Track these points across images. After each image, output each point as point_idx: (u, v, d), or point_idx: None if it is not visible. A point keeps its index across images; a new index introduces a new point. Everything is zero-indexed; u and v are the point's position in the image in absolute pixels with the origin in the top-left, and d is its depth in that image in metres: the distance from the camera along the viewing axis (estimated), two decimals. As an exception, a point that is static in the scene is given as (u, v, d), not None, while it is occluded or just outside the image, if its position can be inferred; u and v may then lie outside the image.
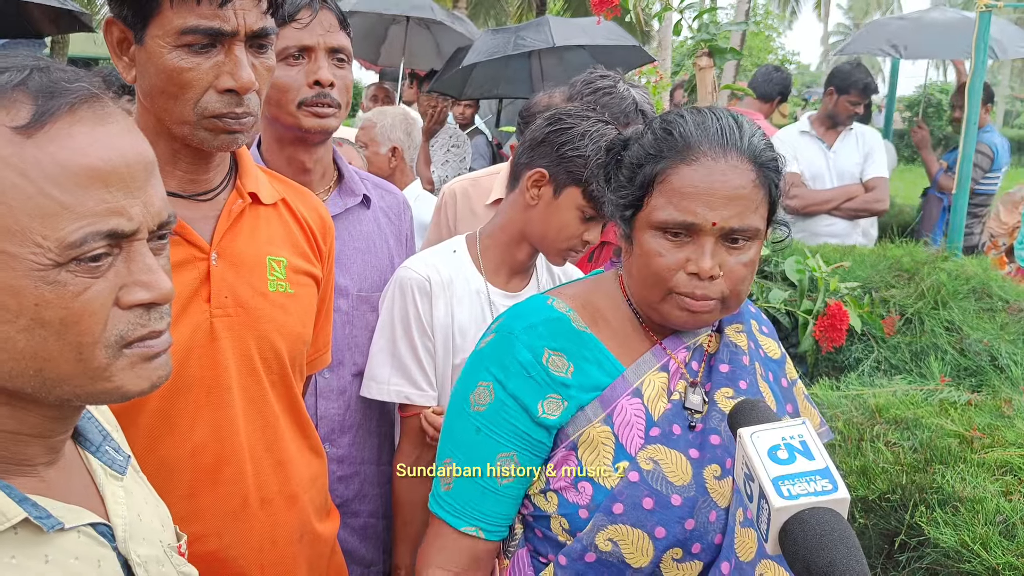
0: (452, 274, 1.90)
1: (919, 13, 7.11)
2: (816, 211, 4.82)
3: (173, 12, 1.25)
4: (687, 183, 1.24)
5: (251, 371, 1.43)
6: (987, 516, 1.94)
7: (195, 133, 1.32)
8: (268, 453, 1.46)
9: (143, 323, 0.85)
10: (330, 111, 1.85)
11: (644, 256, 1.28)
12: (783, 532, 0.98)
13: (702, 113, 1.30)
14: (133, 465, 1.07)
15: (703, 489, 1.27)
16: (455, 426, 1.36)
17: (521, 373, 1.30)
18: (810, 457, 1.02)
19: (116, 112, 0.86)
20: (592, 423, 1.29)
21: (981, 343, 3.29)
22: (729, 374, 1.35)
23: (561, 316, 1.34)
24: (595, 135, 1.78)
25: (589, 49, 5.70)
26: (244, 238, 1.43)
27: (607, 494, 1.26)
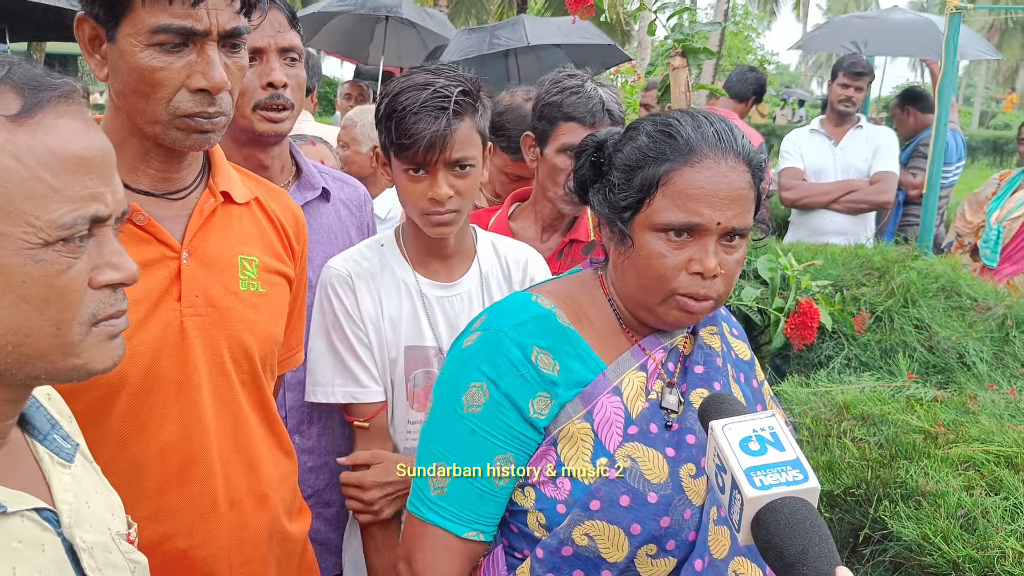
0: (379, 267, 1.87)
1: (882, 12, 7.18)
2: (813, 203, 4.82)
3: (145, 11, 1.26)
4: (692, 185, 1.27)
5: (221, 371, 1.43)
6: (949, 510, 1.99)
7: (167, 133, 1.33)
8: (238, 453, 1.47)
9: (111, 302, 0.92)
10: (283, 114, 1.87)
11: (646, 258, 1.30)
12: (755, 522, 1.00)
13: (695, 116, 1.33)
14: (84, 454, 1.09)
15: (679, 487, 1.29)
16: (447, 429, 1.33)
17: (512, 371, 1.30)
18: (781, 448, 1.04)
19: (79, 108, 0.92)
20: (572, 419, 1.30)
21: (949, 341, 3.34)
22: (704, 375, 1.37)
23: (547, 313, 1.35)
24: (389, 92, 1.75)
25: (565, 48, 5.73)
26: (216, 237, 1.44)
27: (585, 490, 1.27)
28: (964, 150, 5.70)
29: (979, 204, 5.13)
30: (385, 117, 1.73)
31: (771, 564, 0.98)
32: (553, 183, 2.20)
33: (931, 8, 40.31)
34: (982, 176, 12.75)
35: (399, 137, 1.69)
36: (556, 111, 2.15)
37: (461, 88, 1.72)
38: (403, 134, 1.68)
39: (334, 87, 17.22)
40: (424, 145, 1.67)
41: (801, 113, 26.79)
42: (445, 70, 1.77)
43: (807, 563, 0.94)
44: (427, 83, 1.70)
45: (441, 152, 1.68)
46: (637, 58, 16.33)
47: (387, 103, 1.73)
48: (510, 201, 2.37)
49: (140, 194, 1.37)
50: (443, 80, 1.72)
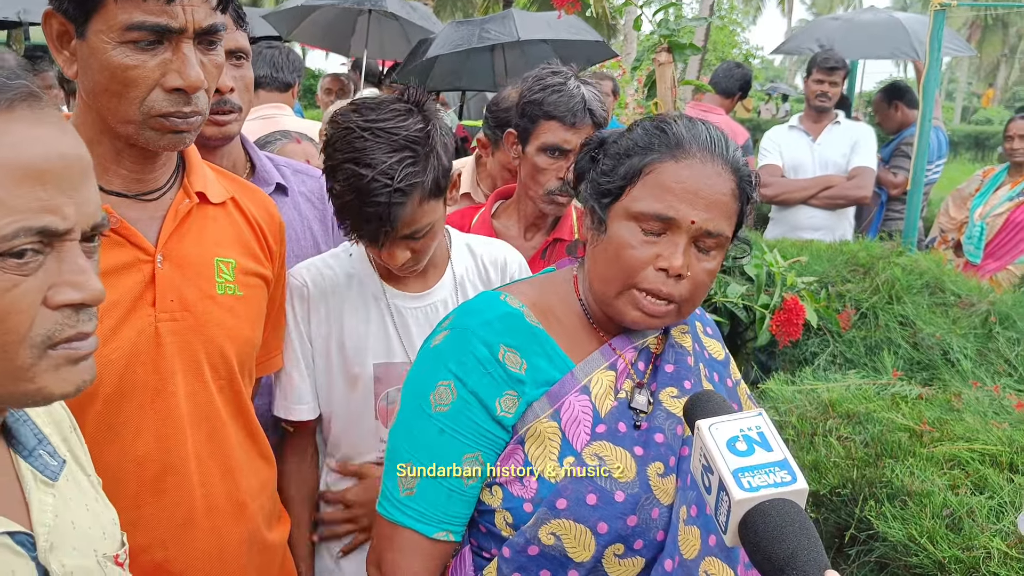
0: (344, 278, 1.78)
1: (852, 14, 7.25)
2: (791, 199, 4.83)
3: (118, 7, 1.21)
4: (673, 178, 1.27)
5: (198, 376, 1.40)
6: (934, 510, 1.98)
7: (140, 133, 1.29)
8: (215, 461, 1.44)
9: (71, 324, 0.85)
10: (230, 117, 1.83)
11: (616, 245, 1.29)
12: (743, 524, 0.98)
13: (693, 121, 1.34)
14: (81, 469, 1.05)
15: (646, 486, 1.28)
16: (415, 429, 1.32)
17: (479, 369, 1.29)
18: (768, 448, 1.03)
19: (53, 112, 0.86)
20: (539, 418, 1.30)
21: (933, 337, 3.35)
22: (674, 374, 1.37)
23: (515, 311, 1.34)
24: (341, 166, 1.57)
25: (552, 43, 5.71)
26: (191, 239, 1.40)
27: (551, 488, 1.27)
28: (946, 147, 5.72)
29: (963, 200, 5.15)
30: (331, 193, 1.61)
31: (759, 567, 0.97)
32: (534, 182, 2.17)
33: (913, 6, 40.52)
34: (964, 171, 12.82)
35: (344, 220, 1.61)
36: (537, 109, 2.12)
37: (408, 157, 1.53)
38: (348, 228, 1.61)
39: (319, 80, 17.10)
40: (369, 235, 1.60)
41: (785, 108, 26.88)
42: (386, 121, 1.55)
43: (796, 567, 0.93)
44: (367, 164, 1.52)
45: (387, 235, 1.59)
46: (623, 52, 16.30)
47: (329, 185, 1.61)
48: (493, 199, 2.34)
49: (112, 195, 1.33)
50: (382, 154, 1.52)
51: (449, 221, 2.38)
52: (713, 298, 3.45)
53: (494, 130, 2.59)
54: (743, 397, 1.51)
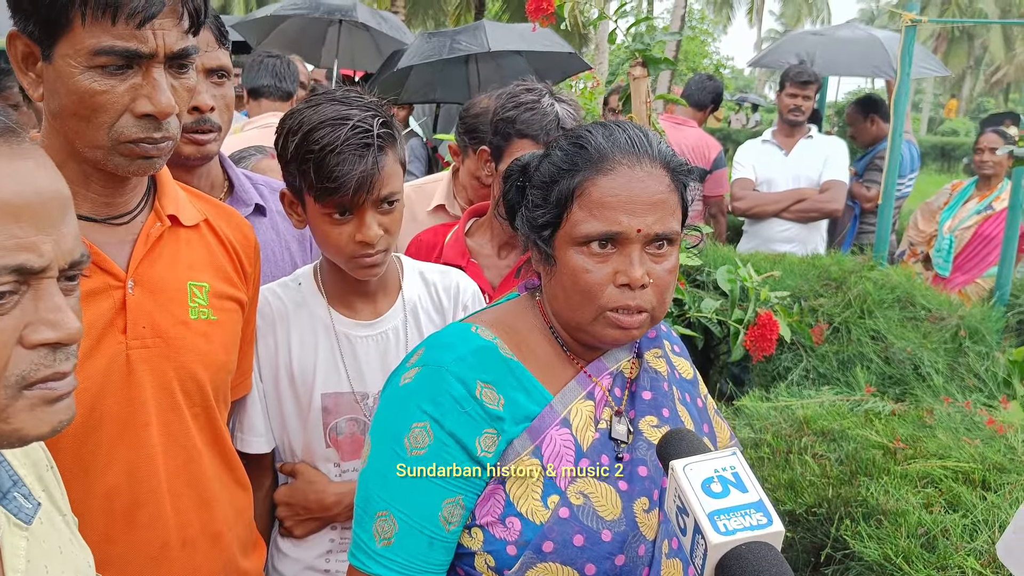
0: (292, 307, 1.73)
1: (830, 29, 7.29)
2: (764, 213, 4.87)
3: (85, 31, 1.17)
4: (607, 193, 1.23)
5: (172, 405, 1.36)
6: (909, 529, 2.00)
7: (109, 158, 1.25)
8: (190, 491, 1.40)
9: (47, 364, 0.82)
10: (209, 136, 1.80)
11: (571, 275, 1.25)
12: (720, 567, 0.97)
13: (607, 126, 1.29)
14: (57, 509, 1.02)
15: (633, 523, 1.24)
16: (390, 475, 1.23)
17: (456, 408, 1.23)
18: (743, 489, 1.02)
19: (32, 147, 0.84)
20: (520, 456, 1.24)
21: (905, 352, 3.38)
22: (652, 402, 1.33)
23: (489, 344, 1.29)
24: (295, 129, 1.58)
25: (526, 55, 5.70)
26: (163, 263, 1.37)
27: (537, 530, 1.21)
28: (918, 161, 5.79)
29: (931, 213, 5.22)
30: (298, 158, 1.57)
31: None
32: (495, 209, 2.15)
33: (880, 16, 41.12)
34: (932, 182, 13.04)
35: (321, 180, 1.54)
36: (510, 127, 2.10)
37: (381, 119, 1.59)
38: (326, 177, 1.53)
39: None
40: (353, 188, 1.54)
41: (756, 118, 27.16)
42: (353, 98, 1.61)
43: None
44: (342, 117, 1.55)
45: (370, 192, 1.56)
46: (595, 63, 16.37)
47: (298, 143, 1.56)
48: (467, 216, 2.32)
49: (80, 219, 1.28)
50: (357, 111, 1.57)
51: (423, 237, 2.36)
52: (687, 313, 3.46)
53: (463, 137, 2.57)
54: (711, 414, 1.48)
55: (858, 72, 6.91)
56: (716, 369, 3.74)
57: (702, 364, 3.78)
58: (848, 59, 6.49)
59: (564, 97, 2.19)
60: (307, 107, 1.60)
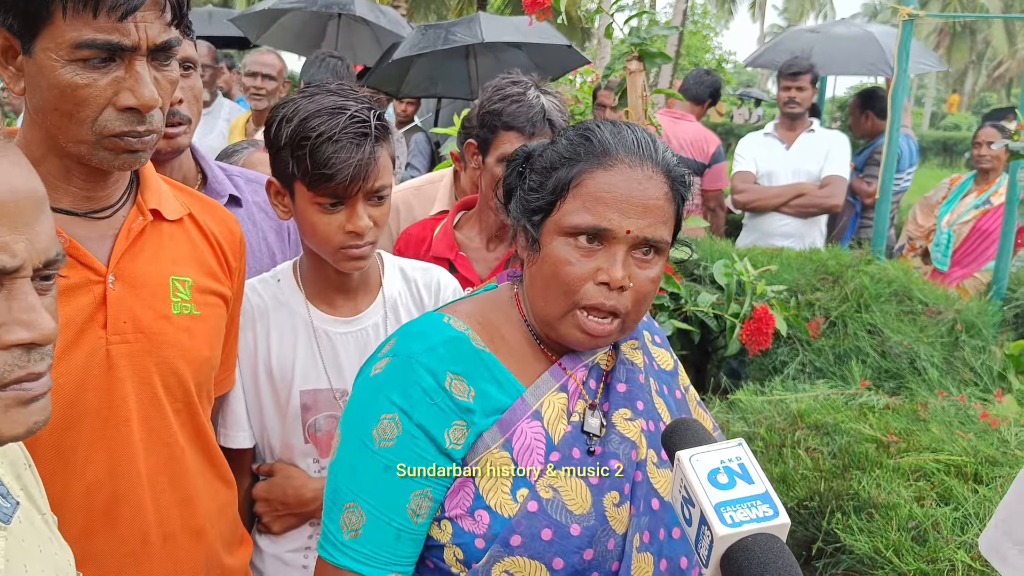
0: (271, 304, 1.73)
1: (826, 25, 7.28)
2: (763, 206, 4.86)
3: (66, 24, 1.16)
4: (603, 188, 1.22)
5: (153, 400, 1.36)
6: (900, 522, 1.99)
7: (93, 153, 1.24)
8: (172, 487, 1.40)
9: (21, 364, 0.81)
10: (179, 130, 1.80)
11: (553, 264, 1.24)
12: (725, 558, 0.97)
13: (617, 125, 1.29)
14: (36, 508, 1.01)
15: (602, 517, 1.23)
16: (358, 466, 1.23)
17: (425, 400, 1.22)
18: (749, 481, 1.02)
19: (5, 145, 0.83)
20: (490, 449, 1.23)
21: (901, 346, 3.38)
22: (626, 394, 1.32)
23: (460, 335, 1.27)
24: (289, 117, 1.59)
25: (526, 50, 5.68)
26: (145, 258, 1.36)
27: (505, 524, 1.20)
28: (917, 156, 5.77)
29: (930, 208, 5.21)
30: (292, 145, 1.56)
31: None
32: (495, 193, 2.15)
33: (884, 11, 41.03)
34: (933, 177, 13.01)
35: (317, 167, 1.54)
36: (497, 120, 2.10)
37: (375, 111, 1.60)
38: (322, 164, 1.54)
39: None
40: (349, 176, 1.54)
41: (758, 113, 27.12)
42: (348, 90, 1.63)
43: None
44: (339, 107, 1.57)
45: (364, 182, 1.56)
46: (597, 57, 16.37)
47: (293, 129, 1.56)
48: (456, 210, 2.32)
49: (60, 214, 1.28)
50: (354, 103, 1.58)
51: (411, 231, 2.36)
52: (684, 307, 3.46)
53: (463, 145, 2.57)
54: (692, 404, 1.47)
55: (854, 71, 6.90)
56: (713, 363, 3.73)
57: (699, 358, 3.78)
58: (844, 58, 6.48)
59: (550, 90, 2.19)
60: (302, 97, 1.61)
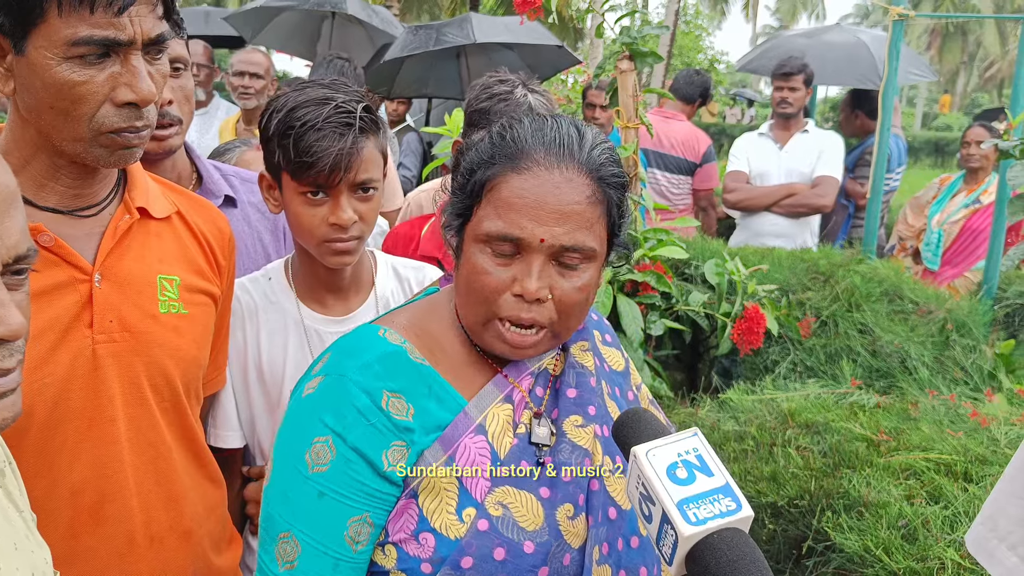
0: (261, 302, 1.72)
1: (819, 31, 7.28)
2: (755, 206, 4.87)
3: (61, 21, 1.15)
4: (515, 193, 1.14)
5: (140, 400, 1.35)
6: (890, 520, 1.99)
7: (89, 150, 1.23)
8: (159, 488, 1.39)
9: None
10: (171, 131, 1.80)
11: (470, 272, 1.17)
12: (690, 557, 0.94)
13: (542, 119, 1.20)
14: (14, 505, 1.00)
15: (556, 532, 1.16)
16: (291, 493, 1.15)
17: (360, 421, 1.14)
18: (709, 473, 0.98)
19: None
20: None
21: (892, 345, 3.38)
22: (577, 399, 1.25)
23: (397, 350, 1.20)
24: (279, 108, 1.60)
25: (517, 50, 5.69)
26: (132, 256, 1.35)
27: (453, 546, 1.13)
28: (906, 155, 5.79)
29: (920, 207, 5.23)
30: (279, 134, 1.57)
31: None
32: None
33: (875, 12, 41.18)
34: (925, 177, 13.06)
35: (299, 155, 1.54)
36: (484, 118, 2.09)
37: (363, 104, 1.60)
38: (304, 152, 1.53)
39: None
40: (329, 164, 1.53)
41: (751, 113, 27.18)
42: (340, 84, 1.63)
43: None
44: (326, 98, 1.57)
45: (346, 172, 1.55)
46: (590, 57, 16.38)
47: (280, 119, 1.57)
48: (443, 208, 2.32)
49: (47, 212, 1.28)
50: (342, 95, 1.59)
51: (399, 230, 2.36)
52: (675, 306, 3.47)
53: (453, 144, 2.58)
54: (645, 404, 1.41)
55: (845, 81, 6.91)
56: (704, 362, 3.74)
57: (690, 357, 3.78)
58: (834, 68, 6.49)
59: (537, 87, 2.18)
60: (293, 90, 1.62)
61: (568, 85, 7.75)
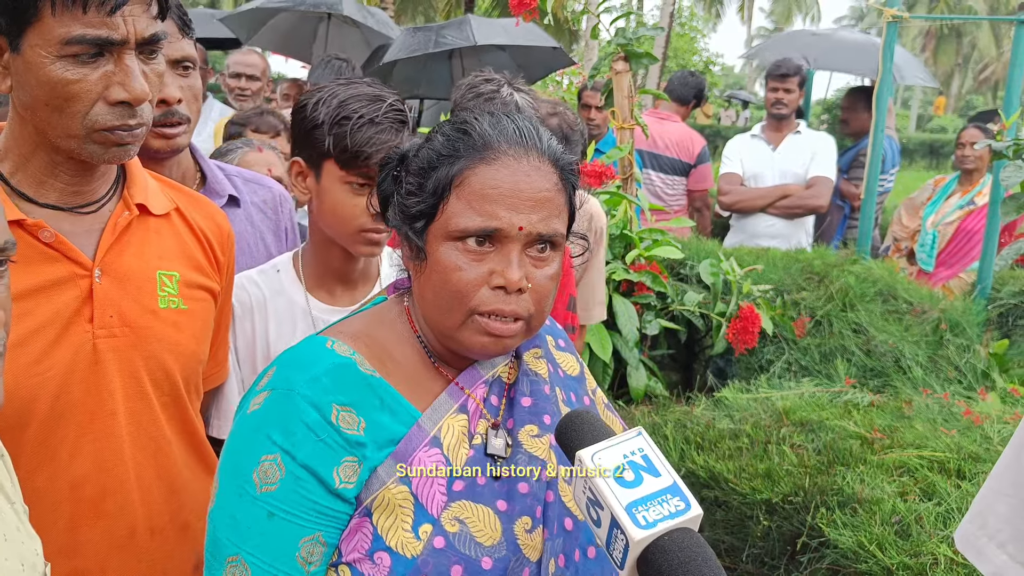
0: (270, 294, 1.75)
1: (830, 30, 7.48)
2: (749, 207, 4.89)
3: (55, 20, 1.17)
4: (488, 184, 1.12)
5: (140, 394, 1.36)
6: (884, 517, 2.01)
7: (83, 147, 1.25)
8: (159, 481, 1.40)
9: None
10: (179, 129, 1.81)
11: (441, 272, 1.14)
12: (642, 560, 0.93)
13: (496, 115, 1.21)
14: (6, 497, 1.01)
15: (515, 546, 1.14)
16: (239, 514, 1.10)
17: (310, 437, 1.10)
18: (656, 474, 0.97)
19: None
20: (387, 484, 1.12)
21: (887, 344, 3.40)
22: (532, 408, 1.23)
23: (346, 362, 1.16)
24: (327, 99, 1.64)
25: (509, 51, 5.71)
26: (131, 252, 1.37)
27: (409, 565, 1.10)
28: (899, 157, 5.80)
29: (915, 209, 5.25)
30: (331, 123, 1.61)
31: None
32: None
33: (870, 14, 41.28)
34: (920, 179, 13.10)
35: (356, 145, 1.59)
36: None
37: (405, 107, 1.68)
38: (364, 143, 1.59)
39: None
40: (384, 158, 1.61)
41: (745, 115, 27.24)
42: (377, 84, 1.70)
43: None
44: (377, 95, 1.64)
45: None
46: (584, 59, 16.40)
47: (333, 109, 1.61)
48: None
49: (47, 208, 1.29)
50: (390, 95, 1.65)
51: None
52: (671, 306, 3.48)
53: None
54: (600, 409, 1.39)
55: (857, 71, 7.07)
56: (699, 362, 3.75)
57: (685, 357, 3.80)
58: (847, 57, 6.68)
59: (523, 87, 2.19)
60: (336, 84, 1.67)
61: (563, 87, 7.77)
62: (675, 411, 2.80)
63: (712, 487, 2.37)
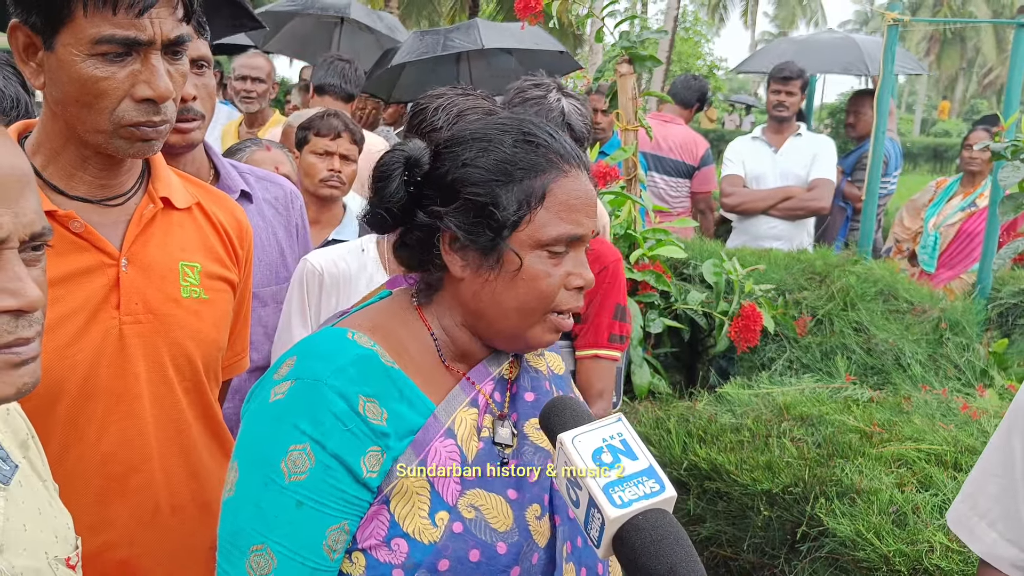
0: (355, 271, 1.84)
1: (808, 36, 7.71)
2: (752, 209, 4.95)
3: (87, 20, 1.23)
4: (572, 195, 1.20)
5: (163, 379, 1.42)
6: (881, 507, 2.06)
7: (110, 142, 1.31)
8: (181, 461, 1.46)
9: (10, 330, 0.86)
10: (193, 125, 1.87)
11: (531, 280, 1.18)
12: (617, 539, 0.98)
13: (542, 125, 1.25)
14: (37, 474, 1.06)
15: (526, 532, 1.19)
16: (264, 503, 1.11)
17: (338, 427, 1.12)
18: (633, 457, 1.02)
19: None
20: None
21: (887, 343, 3.45)
22: (535, 403, 1.28)
23: (369, 353, 1.18)
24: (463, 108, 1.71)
25: (516, 54, 5.76)
26: (156, 244, 1.43)
27: (428, 550, 1.13)
28: (901, 159, 5.84)
29: (917, 210, 5.28)
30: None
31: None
32: None
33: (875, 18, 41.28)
34: (924, 182, 13.12)
35: None
36: None
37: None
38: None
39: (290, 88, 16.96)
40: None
41: (749, 119, 27.27)
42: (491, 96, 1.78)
43: None
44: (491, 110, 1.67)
45: None
46: (589, 63, 16.46)
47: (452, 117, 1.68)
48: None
49: (76, 200, 1.36)
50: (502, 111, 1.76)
51: None
52: (674, 305, 3.53)
53: None
54: None
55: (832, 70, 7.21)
56: (702, 360, 3.80)
57: (688, 355, 3.85)
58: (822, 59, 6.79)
59: (572, 92, 2.19)
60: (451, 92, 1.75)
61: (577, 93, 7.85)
62: (678, 407, 2.85)
63: (714, 479, 2.42)
